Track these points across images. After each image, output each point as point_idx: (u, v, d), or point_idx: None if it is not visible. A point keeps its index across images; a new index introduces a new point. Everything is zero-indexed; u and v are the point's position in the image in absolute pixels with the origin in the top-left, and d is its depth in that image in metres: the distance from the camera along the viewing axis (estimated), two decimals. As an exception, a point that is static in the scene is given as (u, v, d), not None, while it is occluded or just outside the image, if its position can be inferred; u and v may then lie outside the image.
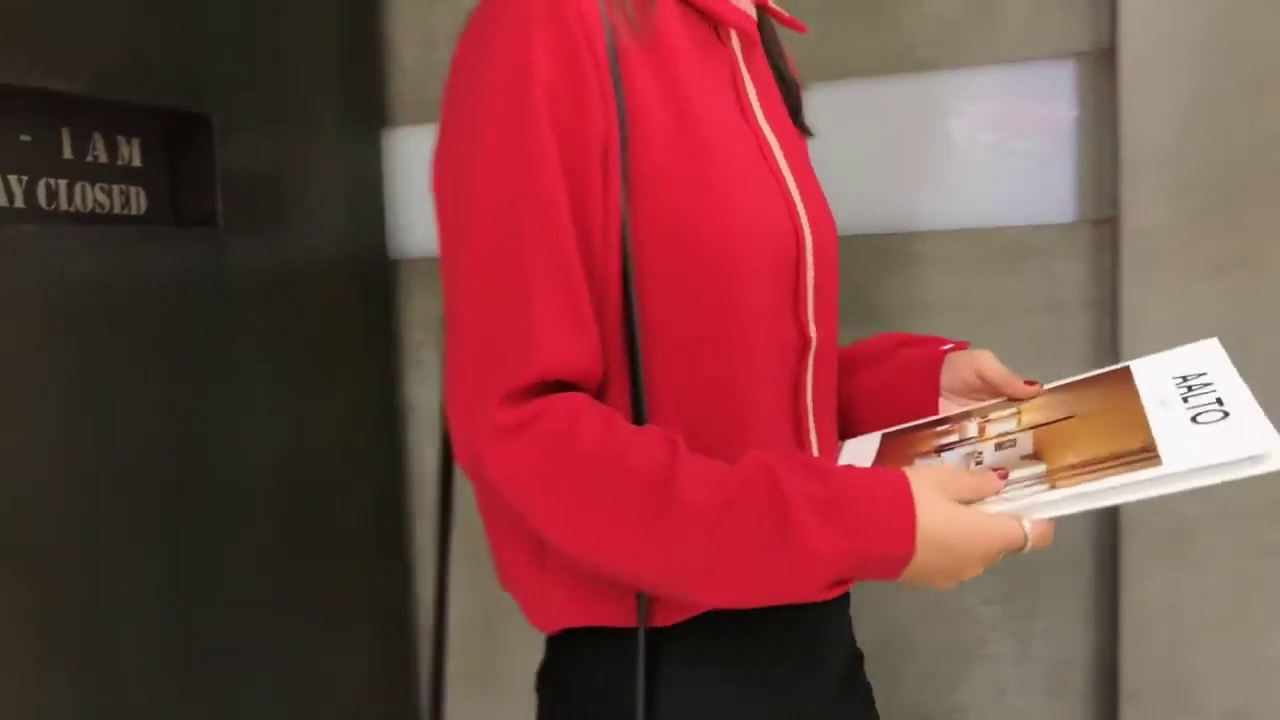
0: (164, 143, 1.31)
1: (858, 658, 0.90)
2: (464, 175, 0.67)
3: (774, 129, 0.79)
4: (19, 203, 1.14)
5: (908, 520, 0.64)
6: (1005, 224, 1.35)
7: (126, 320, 1.19)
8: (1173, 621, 1.23)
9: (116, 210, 1.26)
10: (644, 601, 0.72)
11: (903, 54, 1.36)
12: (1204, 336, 0.78)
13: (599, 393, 0.70)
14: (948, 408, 0.86)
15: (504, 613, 1.52)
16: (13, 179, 1.14)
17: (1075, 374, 0.83)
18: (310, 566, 1.46)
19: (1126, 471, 0.63)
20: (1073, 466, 0.67)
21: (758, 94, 0.79)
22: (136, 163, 1.29)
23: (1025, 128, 1.33)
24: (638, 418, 0.70)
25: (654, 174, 0.68)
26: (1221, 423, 0.64)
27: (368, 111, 1.59)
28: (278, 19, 1.43)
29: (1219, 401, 0.67)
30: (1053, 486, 0.66)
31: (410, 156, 1.60)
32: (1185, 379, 0.73)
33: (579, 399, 0.66)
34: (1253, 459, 0.60)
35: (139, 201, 1.29)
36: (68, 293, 1.13)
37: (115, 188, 1.26)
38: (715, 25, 0.79)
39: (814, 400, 0.79)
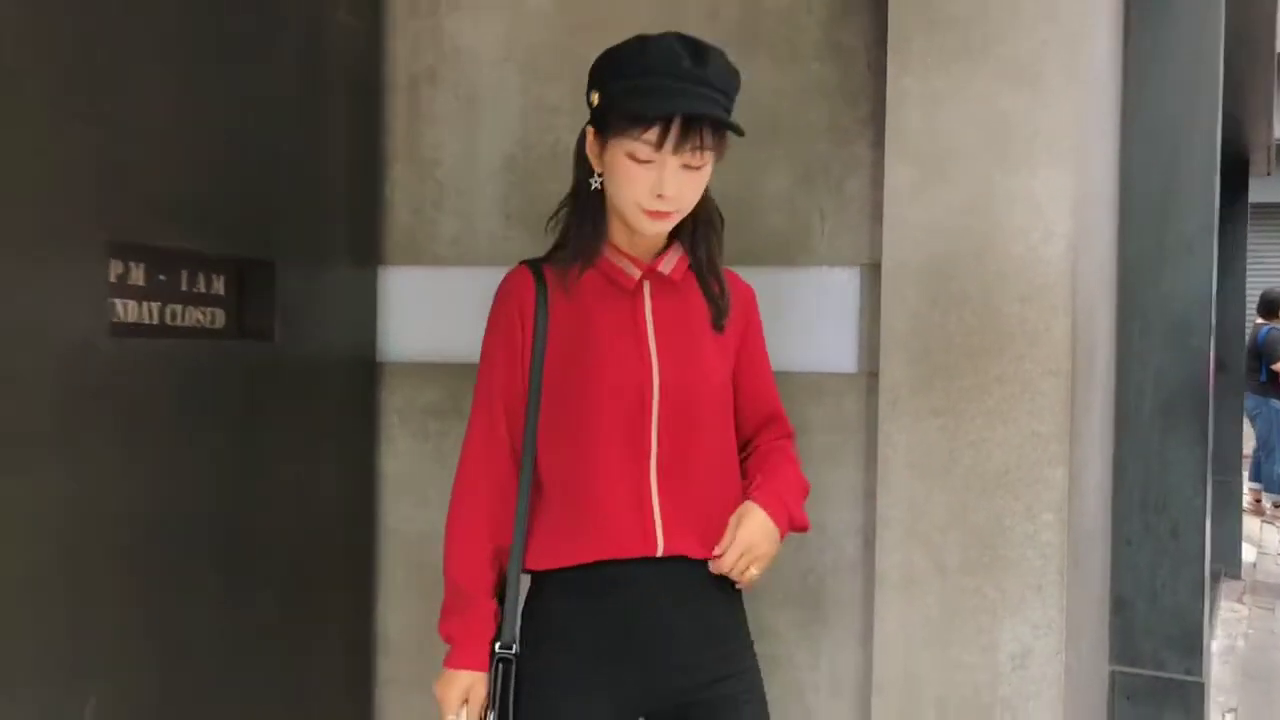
0: (239, 280, 1.88)
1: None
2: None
3: (662, 328, 1.47)
4: (154, 320, 1.70)
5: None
6: (813, 370, 2.01)
7: (208, 395, 1.75)
8: (905, 638, 1.87)
9: (206, 325, 1.82)
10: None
11: (749, 253, 2.01)
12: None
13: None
14: None
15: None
16: (154, 305, 1.69)
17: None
18: (306, 583, 1.99)
19: None
20: None
21: (656, 312, 1.50)
22: (221, 292, 1.85)
23: (827, 309, 2.00)
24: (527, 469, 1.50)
25: (553, 357, 1.49)
26: None
27: (370, 256, 2.18)
28: (314, 196, 2.02)
29: None
30: None
31: (396, 288, 2.19)
32: None
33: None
34: None
35: (219, 319, 1.85)
36: (177, 377, 1.68)
37: (207, 310, 1.82)
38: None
39: (658, 481, 1.47)
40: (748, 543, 1.50)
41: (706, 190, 1.53)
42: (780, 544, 1.58)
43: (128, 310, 1.65)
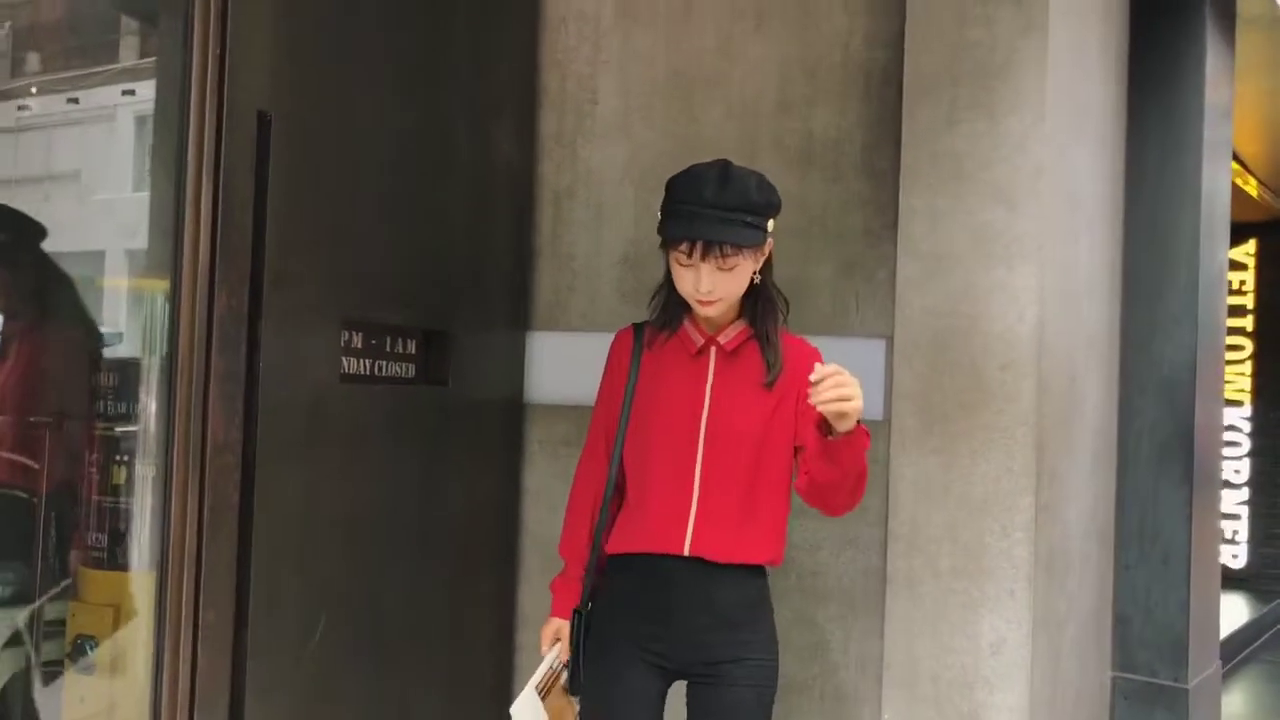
0: (425, 344, 2.63)
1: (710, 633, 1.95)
2: None
3: (719, 385, 1.96)
4: (367, 372, 2.46)
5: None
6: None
7: (402, 426, 2.49)
8: (908, 628, 2.42)
9: (402, 375, 2.58)
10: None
11: (803, 325, 2.62)
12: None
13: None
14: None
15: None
16: (367, 361, 2.46)
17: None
18: (466, 568, 2.71)
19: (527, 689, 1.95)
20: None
21: (717, 372, 1.97)
22: (413, 352, 2.61)
23: (861, 370, 2.58)
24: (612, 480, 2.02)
25: (638, 397, 1.99)
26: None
27: (521, 325, 2.91)
28: (481, 281, 2.77)
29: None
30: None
31: (540, 349, 2.90)
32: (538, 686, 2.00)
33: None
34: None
35: (410, 370, 2.60)
36: (381, 413, 2.43)
37: (402, 364, 2.58)
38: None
39: (698, 499, 1.92)
40: (847, 378, 1.70)
41: (768, 276, 1.97)
42: (859, 423, 1.79)
43: (350, 365, 2.42)
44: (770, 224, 1.93)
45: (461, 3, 2.66)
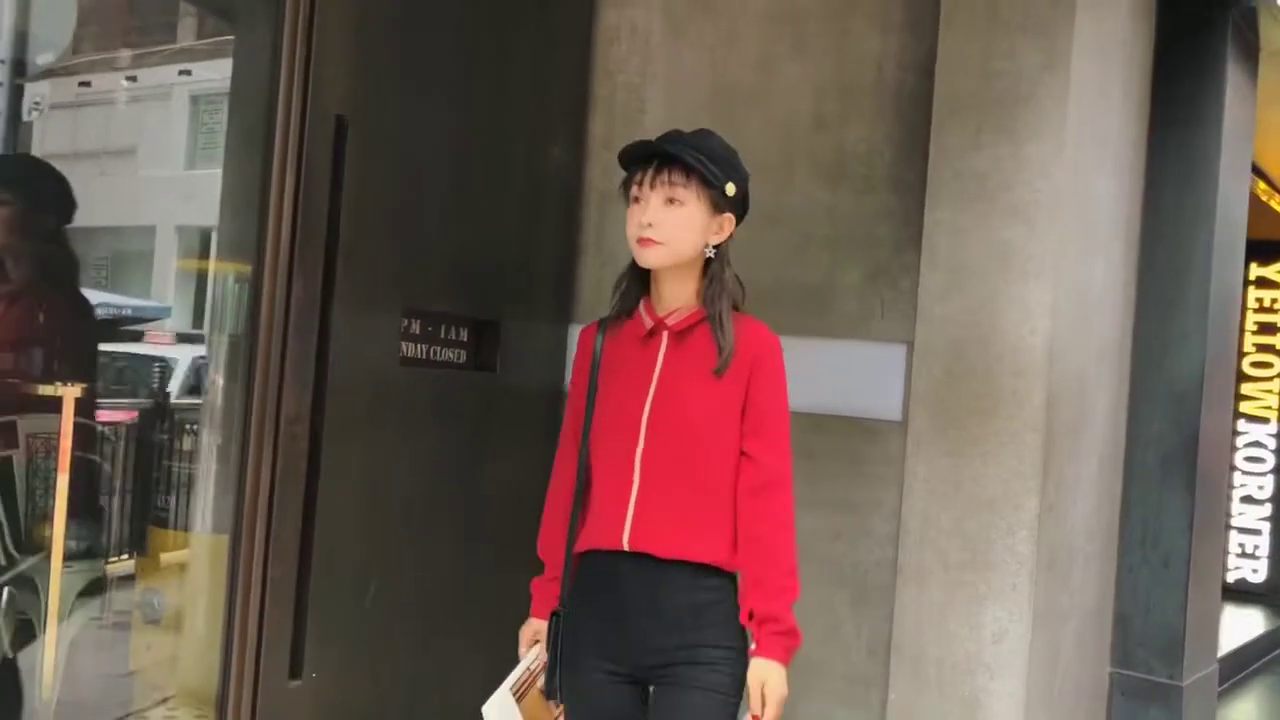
0: (477, 331, 2.82)
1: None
2: None
3: (666, 371, 1.82)
4: (424, 356, 2.66)
5: None
6: (872, 417, 2.77)
7: (454, 408, 2.69)
8: (917, 615, 2.59)
9: (454, 361, 2.78)
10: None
11: (831, 328, 2.79)
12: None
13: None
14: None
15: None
16: (424, 346, 2.66)
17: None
18: (507, 541, 2.91)
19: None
20: None
21: (666, 358, 1.83)
22: (465, 339, 2.80)
23: (883, 373, 2.76)
24: (580, 478, 1.91)
25: (599, 390, 1.88)
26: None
27: (564, 317, 3.10)
28: (529, 275, 2.96)
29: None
30: None
31: (582, 341, 3.08)
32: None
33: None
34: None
35: (462, 356, 2.80)
36: (433, 395, 2.63)
37: (455, 350, 2.78)
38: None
39: (638, 493, 1.80)
40: (779, 696, 1.76)
41: (725, 256, 1.86)
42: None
43: (409, 349, 2.62)
44: (730, 190, 1.84)
45: (523, 17, 2.85)
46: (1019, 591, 2.51)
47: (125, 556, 3.39)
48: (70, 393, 2.68)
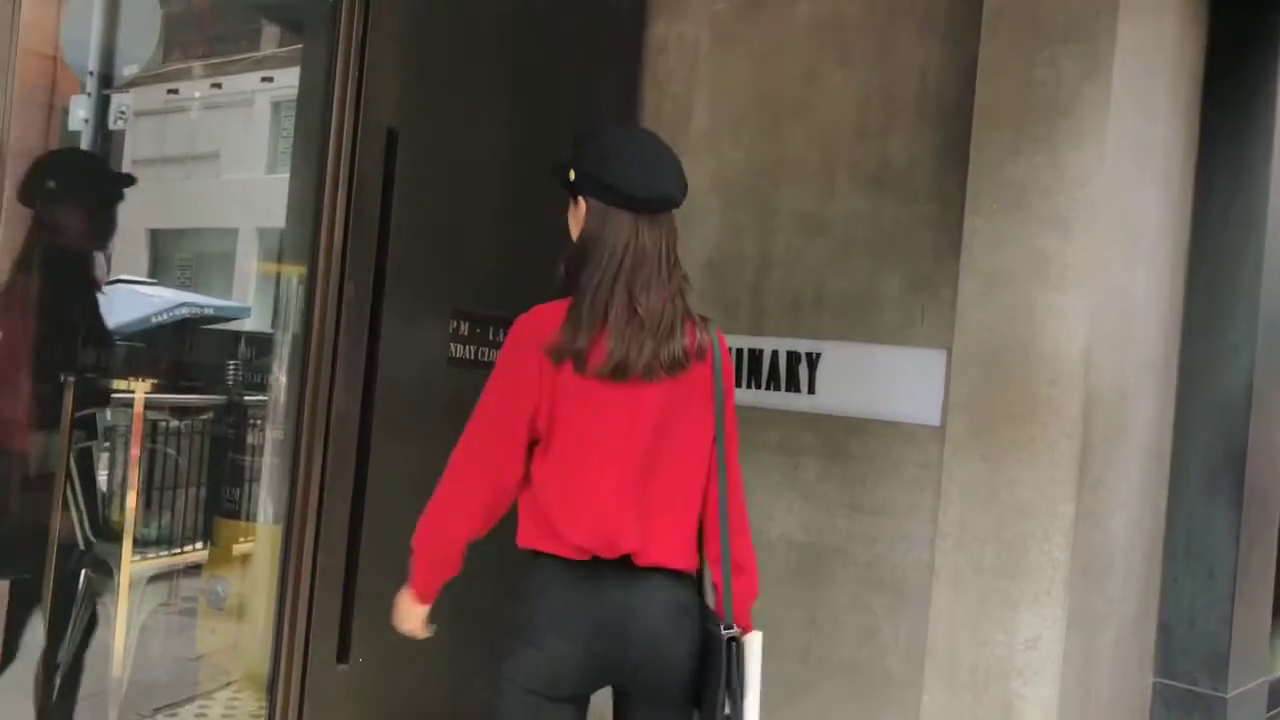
0: (524, 334, 2.91)
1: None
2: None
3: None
4: (470, 356, 2.76)
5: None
6: (911, 421, 2.79)
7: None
8: (951, 619, 2.61)
9: (484, 360, 2.87)
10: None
11: (873, 333, 2.83)
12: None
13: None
14: None
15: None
16: (471, 346, 2.76)
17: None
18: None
19: None
20: None
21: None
22: (500, 340, 2.89)
23: (923, 378, 2.78)
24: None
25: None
26: None
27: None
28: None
29: None
30: None
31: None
32: None
33: None
34: None
35: (510, 358, 2.89)
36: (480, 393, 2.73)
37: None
38: None
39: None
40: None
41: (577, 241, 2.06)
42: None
43: (457, 350, 2.72)
44: (571, 176, 2.08)
45: (571, 31, 2.95)
46: (1053, 597, 2.51)
47: (198, 547, 3.57)
48: (141, 388, 2.85)
